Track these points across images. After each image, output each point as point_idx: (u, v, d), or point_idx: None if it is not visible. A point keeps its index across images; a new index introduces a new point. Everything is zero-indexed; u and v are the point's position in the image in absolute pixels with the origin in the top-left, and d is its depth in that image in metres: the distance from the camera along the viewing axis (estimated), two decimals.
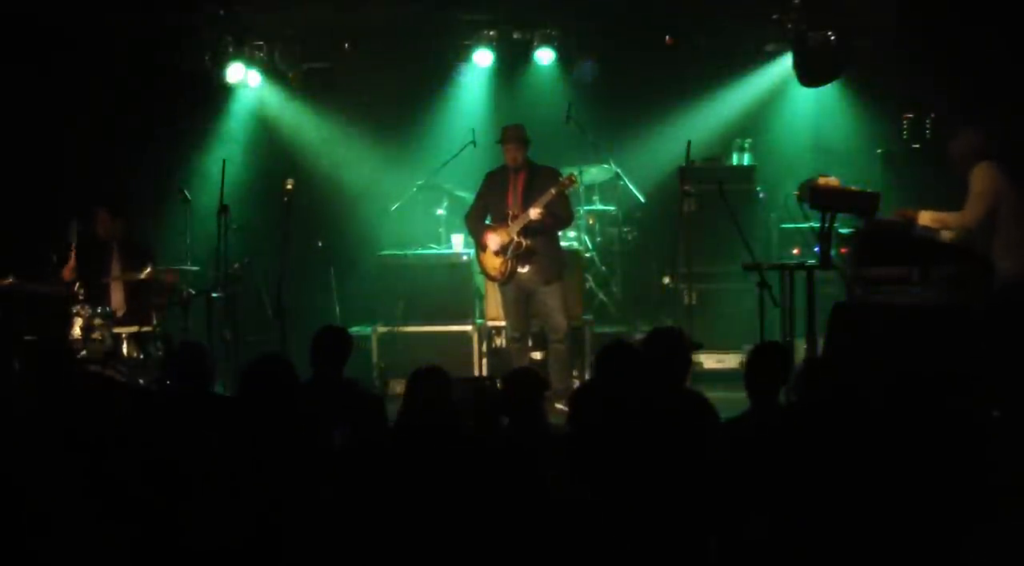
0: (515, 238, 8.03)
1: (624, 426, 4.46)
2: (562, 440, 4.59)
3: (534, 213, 7.91)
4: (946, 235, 7.10)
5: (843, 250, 7.59)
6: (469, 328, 9.10)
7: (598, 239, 9.90)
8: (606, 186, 9.99)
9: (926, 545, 3.92)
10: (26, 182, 9.18)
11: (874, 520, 3.97)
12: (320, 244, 9.76)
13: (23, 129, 9.12)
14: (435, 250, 9.58)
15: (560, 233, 8.44)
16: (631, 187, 9.72)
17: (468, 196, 8.73)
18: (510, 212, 8.09)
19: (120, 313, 8.25)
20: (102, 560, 4.09)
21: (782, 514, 4.11)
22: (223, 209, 7.99)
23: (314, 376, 5.74)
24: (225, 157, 8.31)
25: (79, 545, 4.12)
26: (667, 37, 9.92)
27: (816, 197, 7.02)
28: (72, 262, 8.07)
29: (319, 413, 5.14)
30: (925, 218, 7.05)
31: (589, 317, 9.21)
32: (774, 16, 9.82)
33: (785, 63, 9.75)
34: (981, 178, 6.88)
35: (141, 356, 8.08)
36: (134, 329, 8.10)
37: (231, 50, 10.03)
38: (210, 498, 4.21)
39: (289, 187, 8.19)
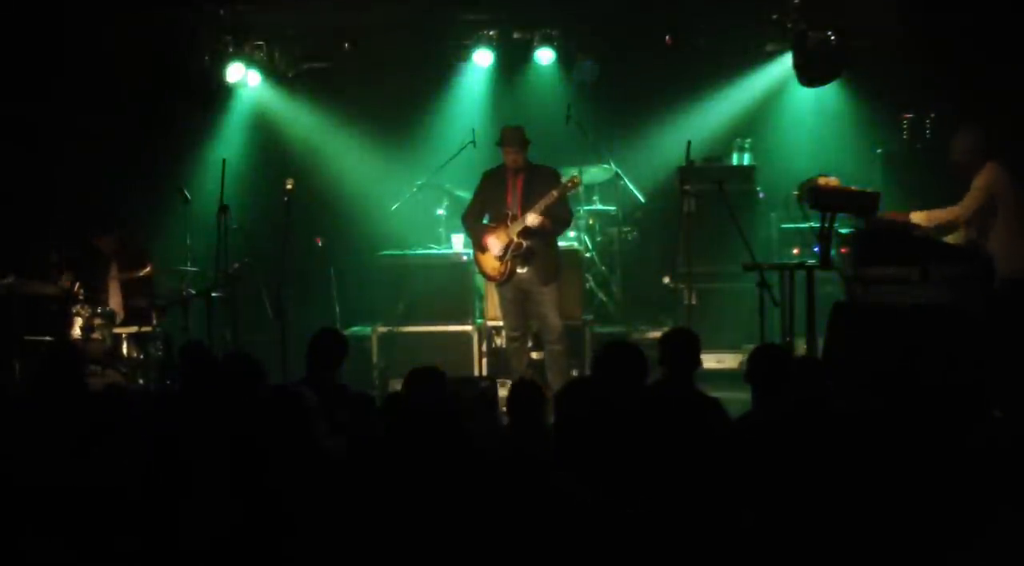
0: (515, 239, 8.05)
1: (613, 421, 4.44)
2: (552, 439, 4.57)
3: (532, 221, 7.93)
4: (950, 239, 7.12)
5: (843, 250, 7.59)
6: (469, 328, 9.10)
7: (598, 239, 9.89)
8: (606, 186, 9.99)
9: (925, 546, 3.92)
10: (26, 182, 9.18)
11: (872, 521, 3.97)
12: (320, 244, 9.75)
13: (22, 128, 9.12)
14: (435, 250, 9.56)
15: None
16: (631, 187, 9.72)
17: (468, 196, 8.73)
18: (509, 213, 8.10)
19: (119, 318, 8.27)
20: (103, 561, 4.09)
21: (781, 512, 4.11)
22: (223, 209, 7.99)
23: (307, 377, 5.76)
24: (225, 157, 8.29)
25: (82, 546, 4.12)
26: (667, 37, 9.90)
27: (816, 197, 7.02)
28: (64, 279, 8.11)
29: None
30: (917, 218, 7.07)
31: (589, 317, 9.21)
32: (774, 16, 9.81)
33: (785, 63, 9.73)
34: (985, 175, 6.93)
35: (141, 356, 8.09)
36: (134, 329, 8.11)
37: (231, 50, 10.01)
38: (210, 499, 4.20)
39: (289, 187, 8.18)
